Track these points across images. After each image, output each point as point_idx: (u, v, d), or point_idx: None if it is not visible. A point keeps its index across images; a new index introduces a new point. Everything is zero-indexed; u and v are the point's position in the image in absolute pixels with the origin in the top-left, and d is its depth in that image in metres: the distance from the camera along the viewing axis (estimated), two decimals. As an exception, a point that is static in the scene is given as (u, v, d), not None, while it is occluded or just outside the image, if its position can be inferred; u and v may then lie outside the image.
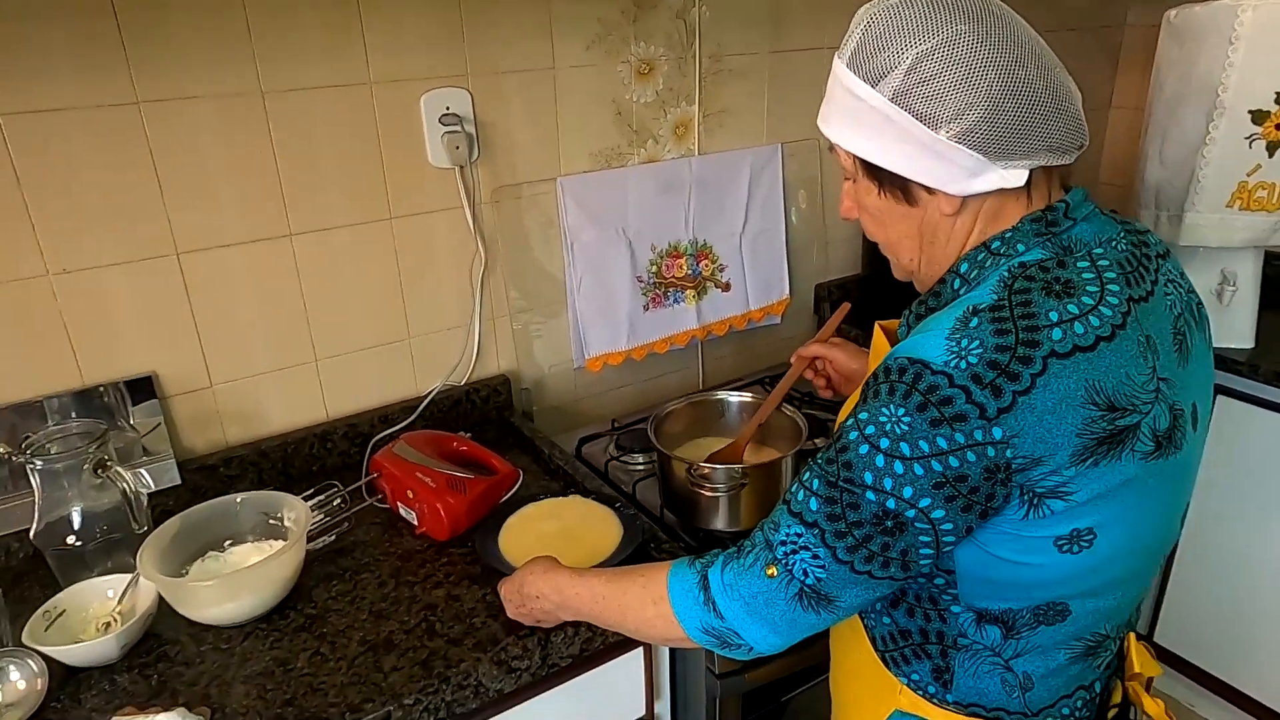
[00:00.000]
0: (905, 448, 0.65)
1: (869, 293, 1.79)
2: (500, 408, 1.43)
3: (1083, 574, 0.72)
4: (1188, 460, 0.74)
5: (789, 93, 1.59)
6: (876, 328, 0.89)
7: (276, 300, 1.21)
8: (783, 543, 0.71)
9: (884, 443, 0.66)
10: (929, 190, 0.75)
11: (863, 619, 0.85)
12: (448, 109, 1.25)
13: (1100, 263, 0.70)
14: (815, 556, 0.70)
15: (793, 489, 0.73)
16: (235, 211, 1.15)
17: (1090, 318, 0.66)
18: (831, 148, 0.80)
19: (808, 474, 0.72)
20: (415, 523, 1.12)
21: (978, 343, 0.65)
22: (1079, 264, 0.70)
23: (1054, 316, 0.65)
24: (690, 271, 1.56)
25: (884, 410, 0.67)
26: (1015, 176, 0.71)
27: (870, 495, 0.67)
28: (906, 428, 0.65)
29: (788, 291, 1.70)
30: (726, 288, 1.62)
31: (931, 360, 0.65)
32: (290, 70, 1.13)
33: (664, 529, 1.15)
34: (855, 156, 0.77)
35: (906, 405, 0.65)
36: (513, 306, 1.41)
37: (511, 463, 1.24)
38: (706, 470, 1.07)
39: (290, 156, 1.16)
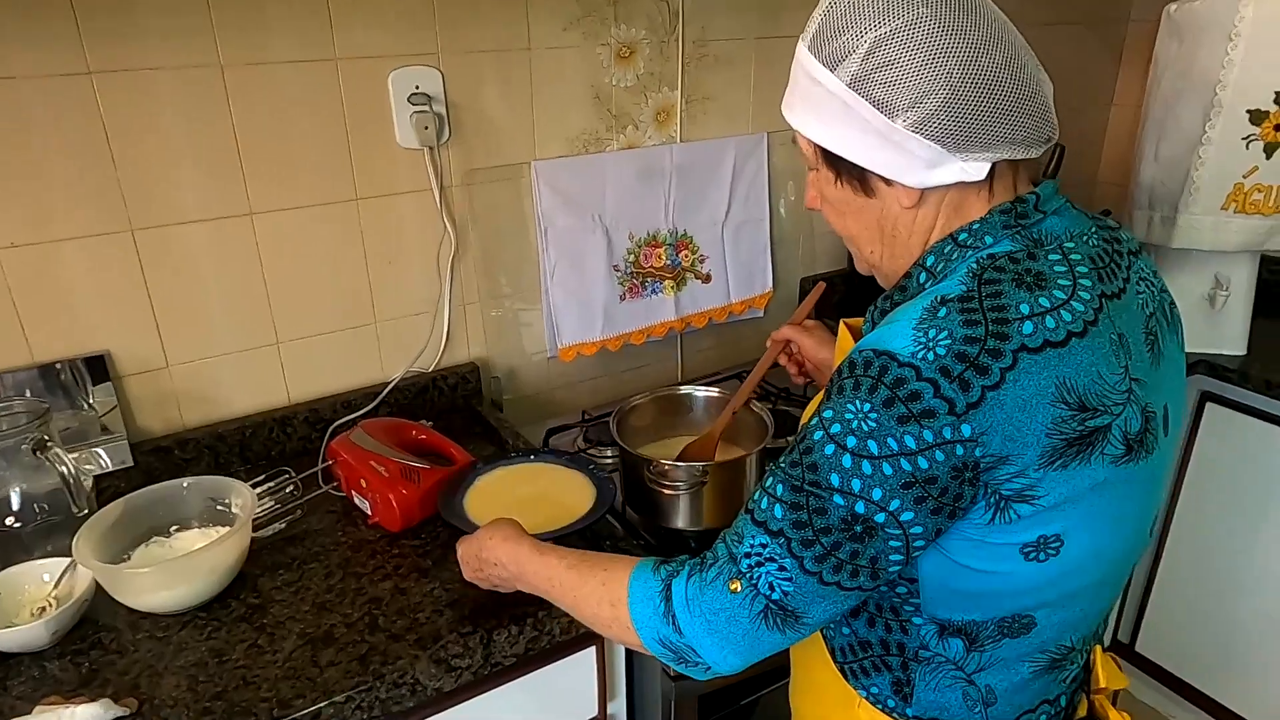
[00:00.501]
0: (873, 446, 0.62)
1: (855, 288, 1.75)
2: (469, 396, 1.40)
3: (1049, 583, 0.69)
4: (1159, 465, 0.71)
5: (777, 80, 1.54)
6: (841, 325, 0.87)
7: (237, 280, 1.18)
8: (747, 555, 0.68)
9: (850, 441, 0.63)
10: (887, 181, 0.72)
11: (822, 629, 0.82)
12: (417, 88, 1.21)
13: (1072, 256, 0.68)
14: (782, 569, 0.66)
15: (755, 496, 0.69)
16: (193, 188, 1.12)
17: (1062, 312, 0.63)
18: (794, 136, 0.77)
19: (771, 479, 0.68)
20: (369, 512, 1.09)
21: (946, 333, 0.62)
22: (1050, 257, 0.67)
23: (1025, 309, 0.63)
24: (669, 262, 1.53)
25: (850, 406, 0.64)
26: (975, 169, 0.68)
27: (838, 499, 0.64)
28: (874, 424, 0.62)
29: (771, 284, 1.67)
30: (707, 279, 1.59)
31: (898, 352, 0.63)
32: (251, 43, 1.09)
33: (625, 526, 1.13)
34: (815, 144, 0.74)
35: (873, 400, 0.63)
36: (484, 293, 1.38)
37: (474, 453, 1.21)
38: (666, 467, 1.04)
39: (251, 133, 1.13)
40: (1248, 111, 1.34)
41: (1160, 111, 1.45)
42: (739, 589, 0.67)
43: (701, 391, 1.25)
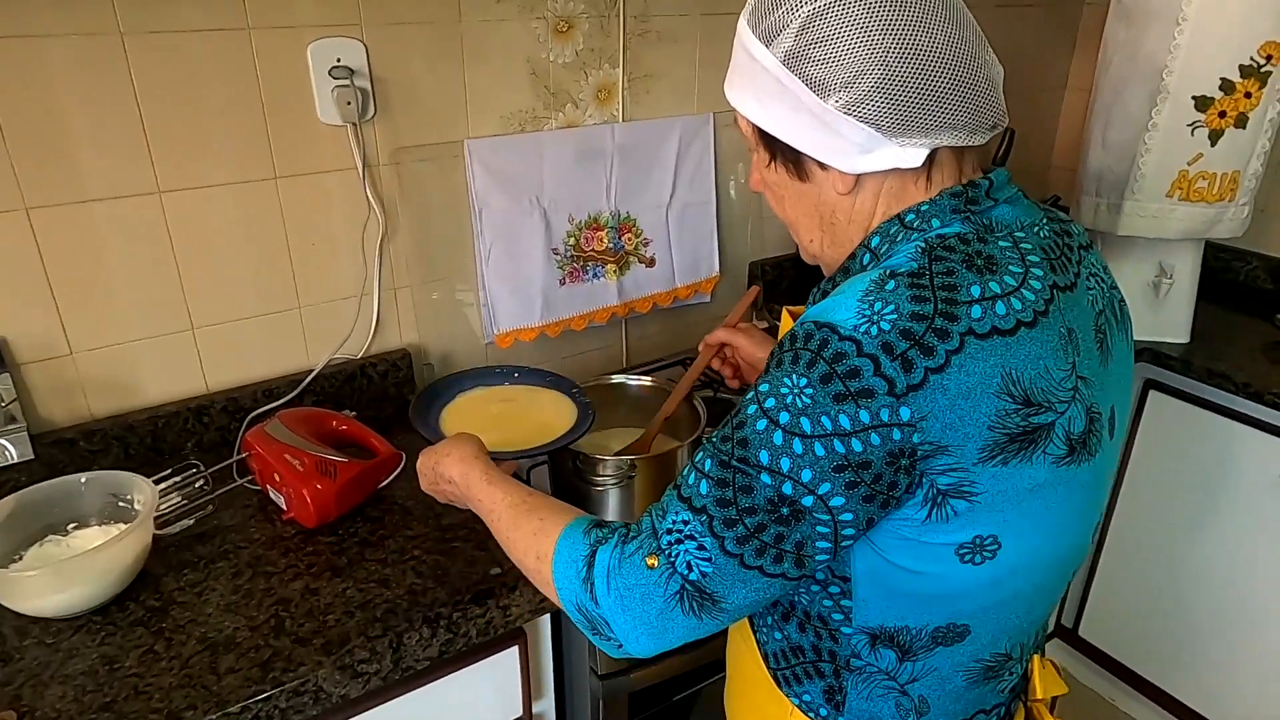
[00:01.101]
0: (806, 423, 0.59)
1: (804, 274, 1.72)
2: (400, 384, 1.35)
3: (985, 587, 0.66)
4: (1102, 468, 0.69)
5: (723, 59, 1.47)
6: (785, 313, 0.83)
7: (146, 263, 1.12)
8: (669, 530, 0.64)
9: (783, 417, 0.60)
10: (822, 165, 0.68)
11: (755, 634, 0.80)
12: (338, 61, 1.15)
13: (1023, 245, 0.65)
14: (701, 548, 0.63)
15: (685, 471, 0.66)
16: (93, 164, 1.05)
17: (1012, 299, 0.61)
18: (735, 116, 0.74)
19: (701, 454, 0.65)
20: (284, 507, 1.04)
21: (892, 308, 0.59)
22: (1001, 243, 0.64)
23: (975, 291, 0.60)
24: (611, 245, 1.48)
25: (785, 381, 0.61)
26: (912, 155, 0.65)
27: (765, 478, 0.61)
28: (808, 400, 0.59)
29: (718, 269, 1.63)
30: (651, 263, 1.55)
31: (840, 324, 0.60)
32: (154, 10, 1.02)
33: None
34: (753, 124, 0.71)
35: (810, 375, 0.60)
36: (416, 276, 1.33)
37: (402, 443, 1.17)
38: (593, 461, 1.01)
39: (157, 106, 1.06)
40: (1193, 98, 1.33)
41: (1109, 97, 1.43)
42: (656, 565, 0.64)
43: (635, 380, 1.21)
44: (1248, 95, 1.31)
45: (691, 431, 1.09)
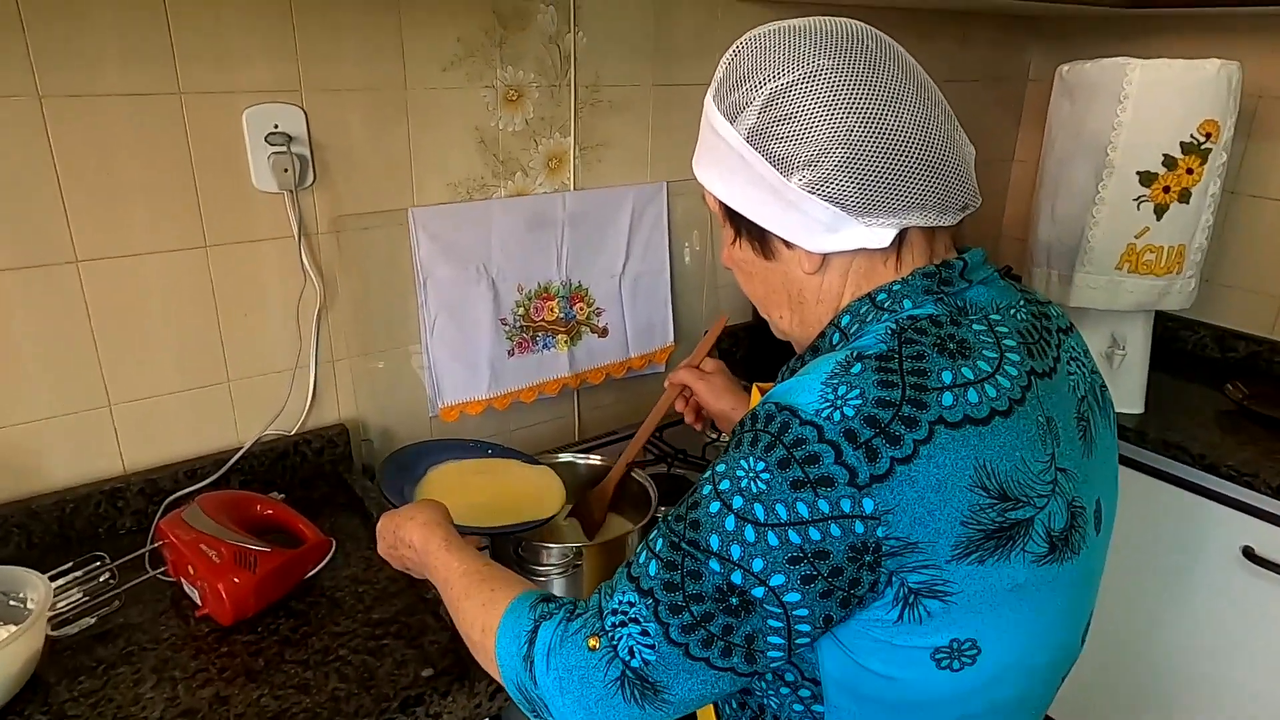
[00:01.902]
0: (759, 510, 0.56)
1: (761, 342, 1.70)
2: (336, 462, 1.27)
3: (964, 696, 0.62)
4: (1088, 567, 0.65)
5: (676, 128, 1.50)
6: (754, 390, 0.80)
7: (57, 336, 1.04)
8: (614, 611, 0.61)
9: (737, 501, 0.56)
10: (787, 244, 0.67)
11: None
12: (276, 127, 1.11)
13: (999, 329, 0.63)
14: (645, 633, 0.59)
15: (638, 549, 0.63)
16: (0, 232, 0.98)
17: (986, 386, 0.58)
18: (703, 192, 0.73)
19: (655, 532, 0.62)
20: (199, 602, 0.95)
21: (857, 392, 0.57)
22: (975, 326, 0.62)
23: (947, 378, 0.58)
24: (562, 315, 1.44)
25: (742, 463, 0.57)
26: (880, 236, 0.63)
27: (714, 564, 0.57)
28: (764, 486, 0.56)
29: (673, 338, 1.60)
30: (603, 333, 1.51)
31: (802, 407, 0.57)
32: (77, 73, 0.97)
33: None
34: (719, 201, 0.70)
35: (767, 460, 0.57)
36: (355, 348, 1.27)
37: (336, 527, 1.10)
38: (535, 549, 0.94)
39: (77, 172, 1.01)
40: (1137, 173, 1.35)
41: (1055, 171, 1.45)
42: (597, 647, 0.60)
43: (583, 460, 1.16)
44: (1190, 171, 1.33)
45: (642, 513, 1.03)
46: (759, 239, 0.69)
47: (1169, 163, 1.33)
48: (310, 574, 1.01)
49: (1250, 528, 1.38)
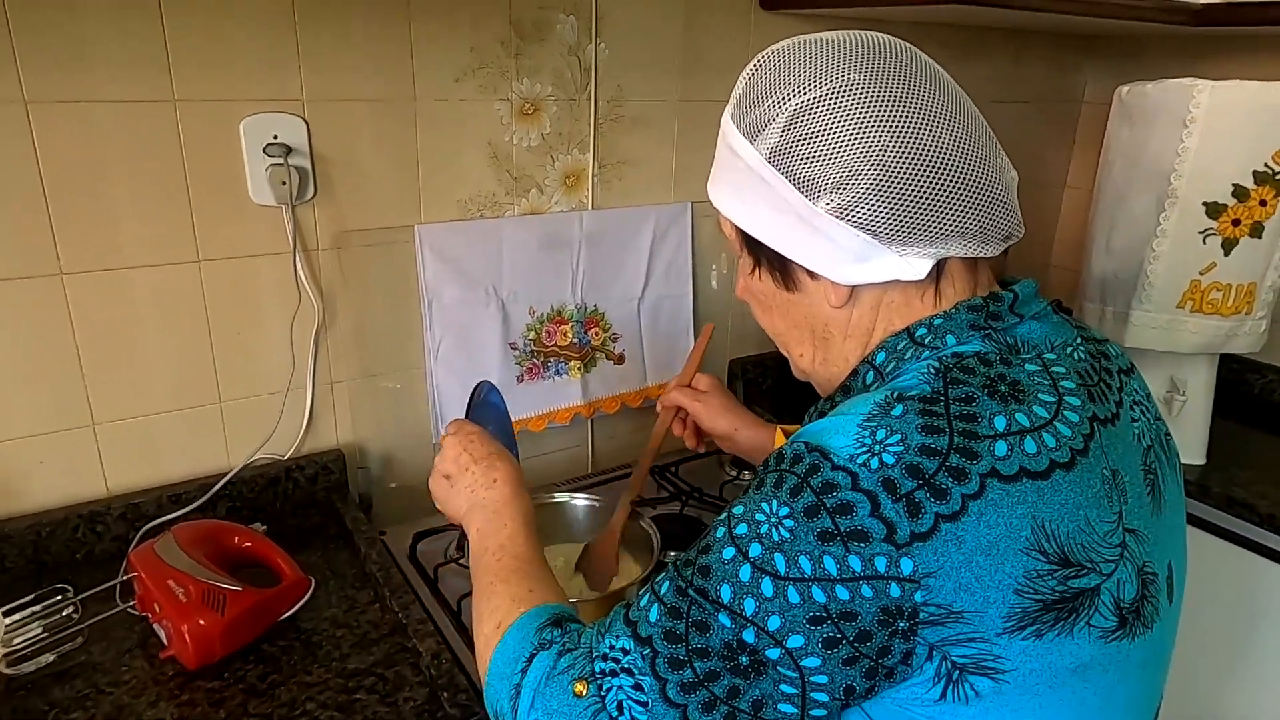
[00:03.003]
0: (780, 562, 0.50)
1: (788, 372, 1.60)
2: (330, 489, 1.21)
3: None
4: (1160, 644, 0.57)
5: (702, 146, 1.42)
6: (778, 433, 0.75)
7: (40, 351, 1.00)
8: (604, 656, 0.54)
9: (754, 550, 0.51)
10: (811, 274, 0.60)
11: None
12: (275, 137, 1.06)
13: (1054, 369, 0.56)
14: (638, 687, 0.52)
15: (641, 591, 0.56)
16: (-16, 242, 0.94)
17: (1044, 434, 0.52)
18: (718, 218, 0.67)
19: (662, 574, 0.55)
20: (165, 642, 0.89)
21: (898, 437, 0.51)
22: (1028, 366, 0.56)
23: (1000, 424, 0.51)
24: (576, 340, 1.37)
25: (763, 506, 0.52)
26: (915, 267, 0.57)
27: (724, 618, 0.50)
28: (787, 534, 0.50)
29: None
30: (620, 360, 1.43)
31: (835, 450, 0.51)
32: (66, 79, 0.93)
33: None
34: (737, 228, 0.64)
35: (792, 505, 0.50)
36: (356, 370, 1.21)
37: (322, 563, 1.04)
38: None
39: (63, 181, 0.96)
40: (1204, 204, 1.23)
41: (1112, 200, 1.34)
42: (584, 694, 0.53)
43: (582, 500, 1.08)
44: (1263, 203, 1.22)
45: (644, 560, 0.95)
46: (780, 269, 0.63)
47: (1240, 193, 1.22)
48: (287, 614, 0.94)
49: (1325, 598, 1.24)
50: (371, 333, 1.20)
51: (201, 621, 0.85)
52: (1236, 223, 1.23)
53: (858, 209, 0.56)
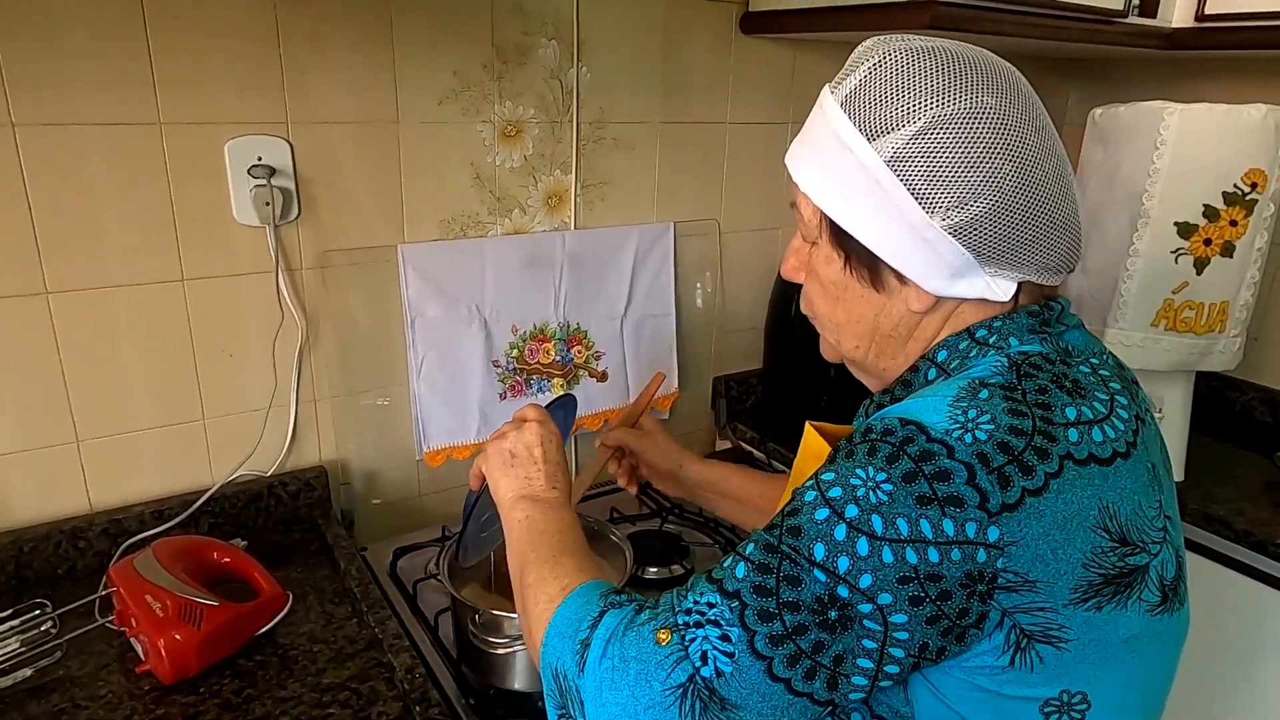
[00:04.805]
0: (877, 523, 0.52)
1: (772, 391, 1.62)
2: (313, 506, 1.22)
3: None
4: (1186, 620, 0.63)
5: (684, 167, 1.44)
6: (809, 428, 0.74)
7: (23, 368, 1.01)
8: (687, 610, 0.54)
9: (850, 511, 0.53)
10: (901, 278, 0.62)
11: None
12: (259, 159, 1.08)
13: (1101, 372, 0.62)
14: (725, 638, 0.52)
15: (724, 560, 0.58)
16: (-30, 262, 0.96)
17: (1105, 427, 0.57)
18: (793, 203, 0.67)
19: (745, 541, 0.57)
20: (143, 657, 0.90)
21: (989, 417, 0.54)
22: (1082, 368, 0.61)
23: (1070, 414, 0.56)
24: (559, 358, 1.38)
25: (859, 472, 0.54)
26: (1001, 288, 0.61)
27: (819, 574, 0.52)
28: (885, 498, 0.52)
29: (677, 385, 1.53)
30: (603, 378, 1.44)
31: (930, 425, 0.54)
32: (52, 102, 0.95)
33: (460, 684, 0.95)
34: (824, 216, 0.64)
35: (890, 471, 0.53)
36: (339, 387, 1.22)
37: (303, 579, 1.05)
38: (494, 617, 0.87)
39: (49, 201, 0.98)
40: (1175, 224, 1.25)
41: (1086, 221, 1.34)
42: (666, 641, 0.54)
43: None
44: (1233, 223, 1.24)
45: (619, 577, 0.96)
46: (870, 267, 0.64)
47: (1210, 214, 1.23)
48: (264, 629, 0.94)
49: (1302, 614, 1.25)
50: (354, 351, 1.22)
51: (177, 636, 0.86)
52: (1208, 242, 1.25)
53: (973, 230, 0.59)
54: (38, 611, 0.92)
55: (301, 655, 0.94)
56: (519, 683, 0.90)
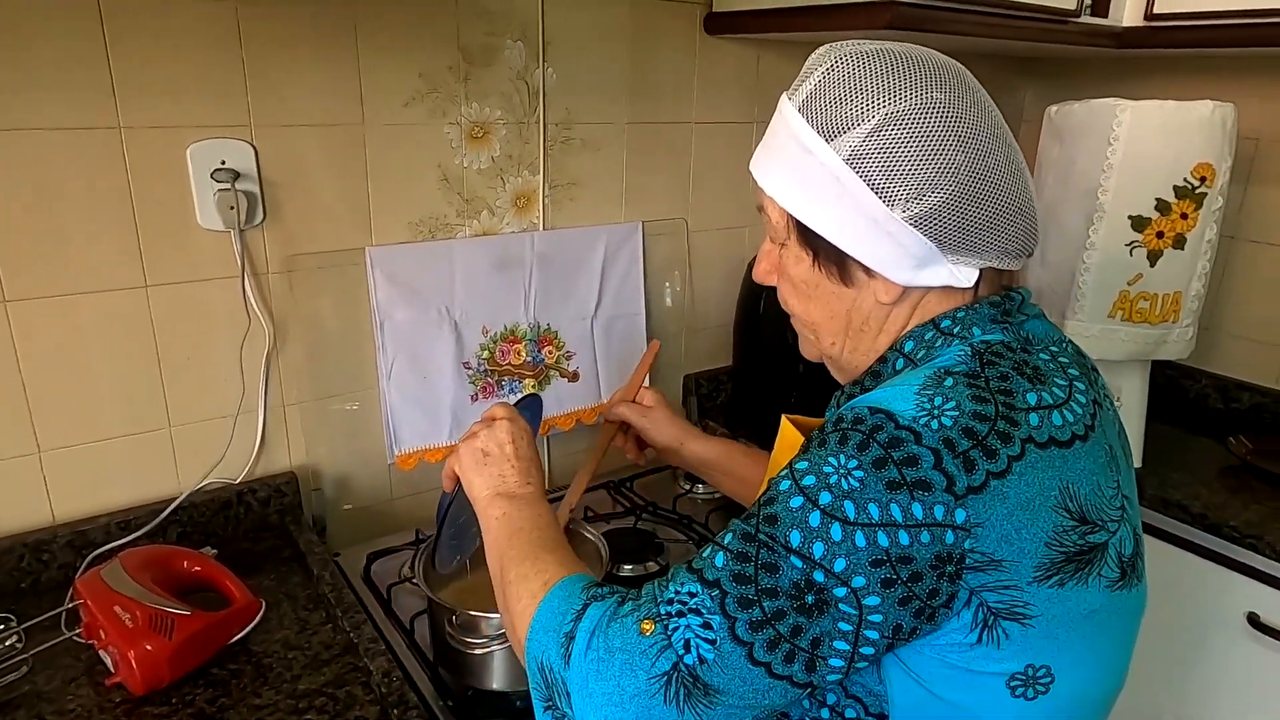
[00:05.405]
0: (850, 508, 0.54)
1: (742, 388, 1.63)
2: (283, 512, 1.21)
3: None
4: (1144, 595, 0.66)
5: (651, 167, 1.45)
6: (784, 421, 0.76)
7: (-17, 379, 0.99)
8: (669, 601, 0.56)
9: (824, 498, 0.55)
10: (868, 272, 0.65)
11: None
12: (222, 163, 1.06)
13: (1060, 359, 0.64)
14: (707, 625, 0.54)
15: (701, 550, 0.58)
16: (-76, 270, 0.94)
17: (1064, 411, 0.59)
18: (760, 206, 0.69)
19: (722, 532, 0.59)
20: (112, 669, 0.89)
21: (953, 404, 0.57)
22: (1041, 355, 0.63)
23: (1031, 399, 0.58)
24: (530, 358, 1.39)
25: (831, 460, 0.56)
26: (965, 275, 0.64)
27: (796, 561, 0.53)
28: (856, 484, 0.54)
29: (648, 382, 1.53)
30: (574, 377, 1.45)
31: (898, 413, 0.56)
32: (10, 105, 0.93)
33: (437, 686, 0.95)
34: (791, 217, 0.66)
35: (860, 458, 0.55)
36: (308, 392, 1.21)
37: (276, 585, 1.04)
38: (469, 619, 0.87)
39: (7, 206, 0.96)
40: (1129, 217, 1.29)
41: (1044, 215, 1.38)
42: (650, 631, 0.55)
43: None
44: (1184, 216, 1.28)
45: (596, 574, 0.96)
46: (837, 263, 0.66)
47: (1162, 207, 1.27)
48: (237, 637, 0.94)
49: (1255, 593, 1.29)
50: (323, 355, 1.21)
51: (149, 646, 0.85)
52: (1160, 235, 1.29)
53: (933, 220, 0.61)
54: (1, 626, 0.90)
55: (276, 662, 0.93)
56: (497, 683, 0.90)
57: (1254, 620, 1.29)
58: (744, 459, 1.01)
